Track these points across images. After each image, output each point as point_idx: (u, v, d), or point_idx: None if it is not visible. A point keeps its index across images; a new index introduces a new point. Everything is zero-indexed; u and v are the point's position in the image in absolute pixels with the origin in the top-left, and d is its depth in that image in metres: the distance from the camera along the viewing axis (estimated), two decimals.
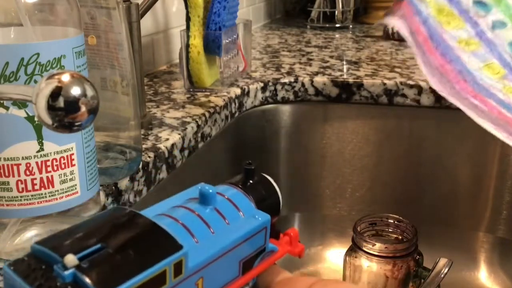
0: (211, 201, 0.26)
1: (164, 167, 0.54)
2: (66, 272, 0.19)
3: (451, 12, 0.46)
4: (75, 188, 0.36)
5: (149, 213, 0.24)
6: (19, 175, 0.33)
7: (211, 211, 0.26)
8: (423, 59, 0.43)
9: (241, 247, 0.25)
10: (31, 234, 0.35)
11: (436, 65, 0.43)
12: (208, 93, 0.72)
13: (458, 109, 0.76)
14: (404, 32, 0.42)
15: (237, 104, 0.73)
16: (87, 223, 0.22)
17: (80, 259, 0.19)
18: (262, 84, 0.78)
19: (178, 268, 0.21)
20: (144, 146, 0.53)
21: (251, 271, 0.27)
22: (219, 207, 0.26)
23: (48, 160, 0.34)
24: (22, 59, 0.32)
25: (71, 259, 0.19)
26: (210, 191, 0.26)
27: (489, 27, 0.47)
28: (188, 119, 0.61)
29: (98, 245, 0.20)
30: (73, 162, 0.35)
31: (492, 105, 0.42)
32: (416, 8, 0.44)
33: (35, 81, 0.32)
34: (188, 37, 0.69)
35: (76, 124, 0.25)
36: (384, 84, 0.77)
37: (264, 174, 0.30)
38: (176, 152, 0.56)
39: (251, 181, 0.29)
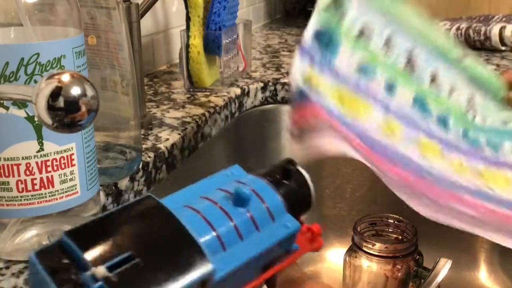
0: (245, 204, 0.25)
1: (164, 167, 0.54)
2: (95, 285, 0.19)
3: (349, 92, 0.43)
4: (75, 188, 0.36)
5: (178, 200, 0.24)
6: (19, 175, 0.33)
7: (244, 215, 0.25)
8: (384, 178, 0.41)
9: (267, 253, 0.25)
10: (31, 234, 0.35)
11: (393, 177, 0.41)
12: (208, 93, 0.72)
13: None
14: (348, 150, 0.37)
15: (237, 104, 0.73)
16: (117, 215, 0.22)
17: (109, 268, 0.19)
18: (262, 84, 0.78)
19: (204, 284, 0.21)
20: (144, 146, 0.53)
21: (270, 270, 0.26)
22: (252, 211, 0.25)
23: (48, 160, 0.34)
24: (22, 59, 0.32)
25: (101, 271, 0.19)
26: (246, 192, 0.25)
27: (385, 93, 0.45)
28: (188, 119, 0.61)
29: (128, 253, 0.20)
30: (73, 162, 0.35)
31: (475, 203, 0.39)
32: (327, 109, 0.40)
33: (35, 81, 0.32)
34: (188, 37, 0.69)
35: (76, 124, 0.25)
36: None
37: (300, 169, 0.29)
38: (176, 152, 0.56)
39: (288, 181, 0.28)
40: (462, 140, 0.45)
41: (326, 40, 0.42)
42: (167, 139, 0.55)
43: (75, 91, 0.25)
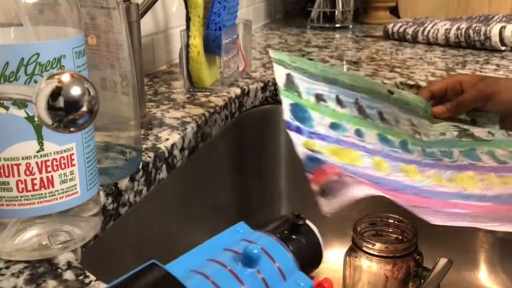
0: (255, 264, 0.24)
1: (164, 167, 0.54)
2: None
3: (338, 149, 0.50)
4: (75, 188, 0.35)
5: (185, 265, 0.22)
6: (19, 175, 0.33)
7: (255, 277, 0.24)
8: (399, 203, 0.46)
9: None
10: (31, 234, 0.35)
11: (403, 202, 0.46)
12: (208, 93, 0.72)
13: None
14: (369, 191, 0.44)
15: (237, 104, 0.73)
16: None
17: None
18: (262, 84, 0.78)
19: None
20: (144, 146, 0.53)
21: None
22: (262, 270, 0.24)
23: (48, 160, 0.34)
24: (22, 59, 0.32)
25: None
26: (255, 251, 0.24)
27: (359, 139, 0.53)
28: (188, 119, 0.61)
29: None
30: (73, 162, 0.35)
31: (463, 204, 0.47)
32: (336, 165, 0.48)
33: (35, 81, 0.32)
34: (188, 37, 0.69)
35: (76, 124, 0.25)
36: (384, 84, 0.77)
37: (309, 224, 0.28)
38: (176, 152, 0.56)
39: (297, 236, 0.27)
40: (425, 157, 0.53)
41: (300, 113, 0.50)
42: (167, 139, 0.55)
43: (75, 91, 0.25)
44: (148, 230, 0.54)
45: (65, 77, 0.25)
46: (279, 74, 0.53)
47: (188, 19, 0.69)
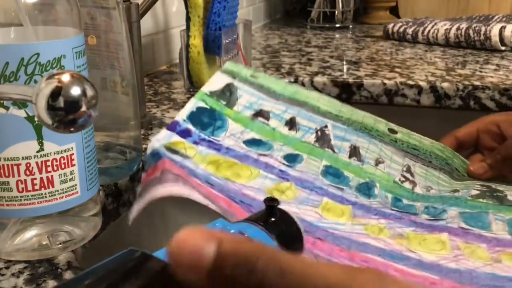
0: None
1: None
2: None
3: (232, 162, 0.42)
4: (75, 188, 0.36)
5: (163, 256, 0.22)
6: (19, 175, 0.33)
7: None
8: None
9: None
10: (31, 234, 0.35)
11: None
12: None
13: (458, 109, 0.76)
14: (192, 194, 0.35)
15: None
16: (97, 272, 0.20)
17: None
18: None
19: None
20: (144, 146, 0.53)
21: None
22: None
23: (48, 160, 0.34)
24: (22, 59, 0.32)
25: None
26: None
27: (285, 164, 0.44)
28: None
29: None
30: (73, 162, 0.35)
31: (388, 264, 0.36)
32: (188, 170, 0.39)
33: (35, 81, 0.32)
34: (188, 37, 0.69)
35: (76, 124, 0.25)
36: (384, 84, 0.77)
37: (283, 209, 0.28)
38: None
39: (273, 219, 0.27)
40: (391, 206, 0.43)
41: (207, 118, 0.44)
42: None
43: (75, 91, 0.25)
44: (148, 230, 0.54)
45: (65, 77, 0.25)
46: (215, 81, 0.45)
47: (188, 19, 0.69)
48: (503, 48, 0.99)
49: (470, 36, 1.01)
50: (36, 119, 0.33)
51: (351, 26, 1.36)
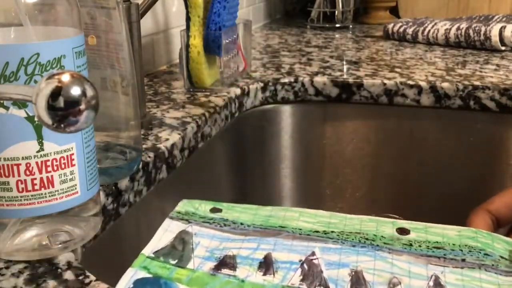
0: None
1: (164, 167, 0.54)
2: None
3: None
4: (75, 188, 0.36)
5: None
6: (19, 175, 0.33)
7: None
8: None
9: None
10: (31, 234, 0.35)
11: None
12: (208, 93, 0.72)
13: (458, 109, 0.76)
14: None
15: (237, 104, 0.73)
16: None
17: None
18: (262, 84, 0.78)
19: None
20: (144, 146, 0.53)
21: None
22: None
23: (48, 160, 0.34)
24: (22, 59, 0.32)
25: None
26: None
27: None
28: (188, 119, 0.61)
29: None
30: (73, 162, 0.35)
31: None
32: None
33: (35, 81, 0.32)
34: (188, 37, 0.69)
35: (76, 124, 0.25)
36: (384, 84, 0.77)
37: None
38: (176, 152, 0.56)
39: None
40: None
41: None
42: (167, 139, 0.55)
43: (75, 91, 0.25)
44: (148, 230, 0.54)
45: (65, 77, 0.25)
46: (161, 235, 0.38)
47: (188, 19, 0.69)
48: (503, 48, 0.99)
49: (470, 36, 1.01)
50: (36, 119, 0.33)
51: (351, 26, 1.36)
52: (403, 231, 0.40)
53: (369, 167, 0.81)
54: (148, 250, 0.37)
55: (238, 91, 0.73)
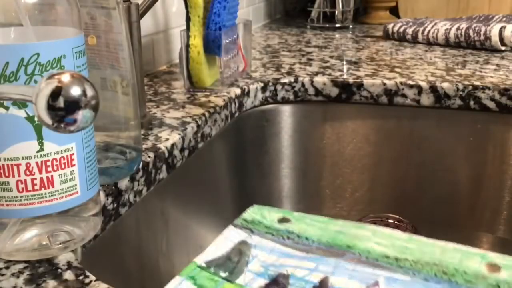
0: None
1: (164, 167, 0.54)
2: None
3: None
4: (75, 188, 0.36)
5: None
6: (19, 175, 0.33)
7: None
8: None
9: None
10: (31, 234, 0.35)
11: None
12: (208, 93, 0.72)
13: (458, 109, 0.76)
14: None
15: (237, 104, 0.73)
16: None
17: None
18: (262, 84, 0.78)
19: None
20: (144, 146, 0.53)
21: None
22: None
23: (48, 160, 0.34)
24: (22, 59, 0.32)
25: None
26: None
27: None
28: (188, 119, 0.61)
29: None
30: (73, 162, 0.35)
31: None
32: None
33: (35, 81, 0.32)
34: (188, 37, 0.69)
35: (76, 124, 0.25)
36: (384, 84, 0.77)
37: None
38: (176, 152, 0.56)
39: None
40: None
41: None
42: (167, 139, 0.55)
43: (75, 91, 0.25)
44: (148, 230, 0.54)
45: (65, 77, 0.25)
46: (220, 243, 0.36)
47: (188, 19, 0.69)
48: (503, 48, 0.99)
49: (470, 36, 1.01)
50: (36, 119, 0.33)
51: (351, 26, 1.36)
52: (492, 267, 0.32)
53: (369, 167, 0.82)
54: (201, 258, 0.34)
55: (238, 91, 0.73)
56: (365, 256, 0.34)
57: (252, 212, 0.38)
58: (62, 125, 0.25)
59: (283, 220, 0.38)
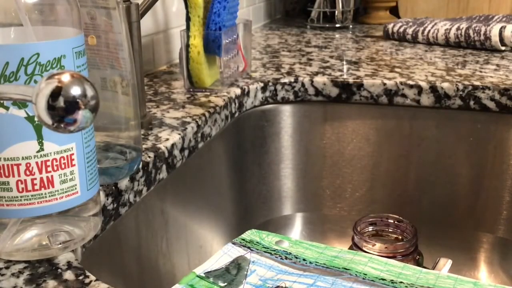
0: None
1: (164, 167, 0.54)
2: None
3: None
4: (75, 188, 0.36)
5: None
6: (19, 175, 0.33)
7: None
8: None
9: None
10: (31, 234, 0.35)
11: None
12: (208, 93, 0.72)
13: (458, 109, 0.76)
14: None
15: (237, 104, 0.73)
16: None
17: None
18: (262, 84, 0.78)
19: None
20: (144, 146, 0.53)
21: None
22: None
23: (48, 160, 0.34)
24: (22, 59, 0.32)
25: None
26: None
27: None
28: (188, 119, 0.61)
29: None
30: (73, 162, 0.35)
31: None
32: None
33: (35, 81, 0.32)
34: (188, 37, 0.69)
35: (76, 124, 0.25)
36: (384, 84, 0.77)
37: None
38: (176, 152, 0.56)
39: None
40: None
41: None
42: (167, 139, 0.55)
43: (75, 91, 0.25)
44: (148, 230, 0.54)
45: (65, 77, 0.25)
46: (219, 256, 0.36)
47: (188, 19, 0.69)
48: (503, 48, 0.99)
49: (470, 36, 1.01)
50: (36, 119, 0.33)
51: (351, 26, 1.36)
52: None
53: (369, 167, 0.82)
54: (201, 269, 0.35)
55: (238, 91, 0.73)
56: (361, 277, 0.35)
57: (251, 234, 0.39)
58: (62, 125, 0.25)
59: (280, 243, 0.39)
